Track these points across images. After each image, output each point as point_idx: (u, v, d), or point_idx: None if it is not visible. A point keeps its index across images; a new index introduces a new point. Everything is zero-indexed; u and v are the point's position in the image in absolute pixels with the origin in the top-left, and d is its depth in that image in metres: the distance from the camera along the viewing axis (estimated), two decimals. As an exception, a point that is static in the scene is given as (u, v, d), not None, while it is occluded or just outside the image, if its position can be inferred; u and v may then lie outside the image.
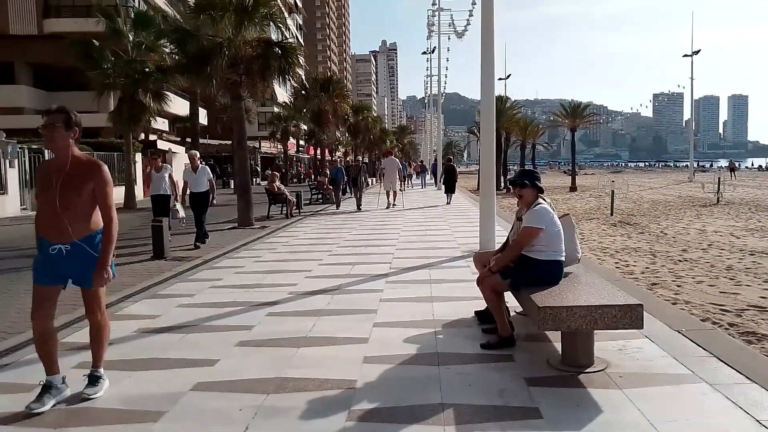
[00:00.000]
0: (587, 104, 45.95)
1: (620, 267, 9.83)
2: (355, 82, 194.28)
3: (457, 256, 9.42)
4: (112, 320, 5.92)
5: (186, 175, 11.83)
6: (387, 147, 61.78)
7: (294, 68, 16.24)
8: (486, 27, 9.30)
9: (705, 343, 4.70)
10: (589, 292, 4.49)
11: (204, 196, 11.70)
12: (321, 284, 7.43)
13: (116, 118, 22.64)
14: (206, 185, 11.69)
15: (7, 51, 34.16)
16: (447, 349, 4.77)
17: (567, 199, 29.55)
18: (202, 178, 11.67)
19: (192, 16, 15.87)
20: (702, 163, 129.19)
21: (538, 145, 50.10)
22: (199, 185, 11.69)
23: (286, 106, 52.38)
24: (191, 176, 11.75)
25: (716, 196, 25.64)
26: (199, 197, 11.70)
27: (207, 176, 11.72)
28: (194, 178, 11.71)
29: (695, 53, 53.89)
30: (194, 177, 11.71)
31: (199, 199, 11.69)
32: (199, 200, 11.68)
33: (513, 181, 5.19)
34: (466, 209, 18.93)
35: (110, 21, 22.00)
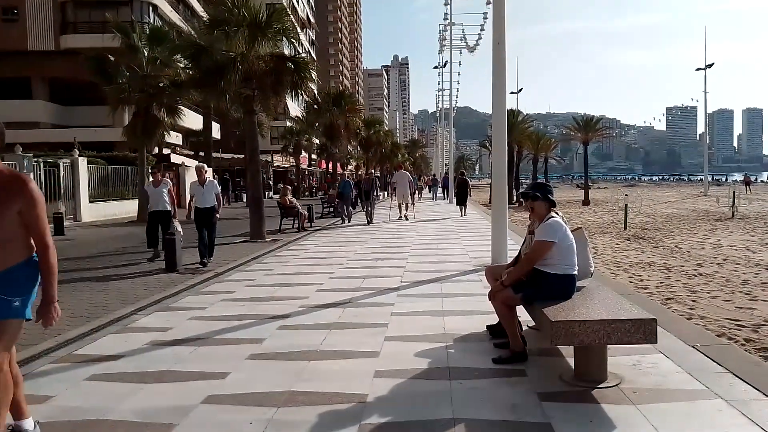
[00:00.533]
0: (600, 118, 45.83)
1: (634, 281, 9.74)
2: (367, 96, 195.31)
3: (468, 270, 9.38)
4: (124, 332, 5.99)
5: (193, 188, 11.05)
6: (398, 161, 61.96)
7: (306, 83, 16.36)
8: (498, 41, 9.33)
9: (720, 359, 4.64)
10: (602, 306, 4.45)
11: (210, 211, 10.92)
12: (332, 297, 7.42)
13: (130, 132, 22.86)
14: (213, 200, 10.95)
15: (24, 66, 34.77)
16: (459, 364, 4.74)
17: (580, 213, 29.39)
18: (209, 192, 10.92)
19: (206, 31, 16.06)
20: (717, 176, 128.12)
21: (551, 159, 50.03)
22: (205, 200, 10.91)
23: (298, 120, 52.80)
24: (198, 190, 10.93)
25: (731, 210, 25.39)
26: (205, 213, 10.90)
27: (214, 190, 10.99)
28: (201, 193, 10.91)
29: (708, 67, 53.62)
30: (201, 191, 10.91)
31: (205, 214, 10.90)
32: (205, 216, 10.90)
33: (525, 193, 5.17)
34: (478, 222, 18.88)
35: (126, 37, 22.29)
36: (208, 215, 10.90)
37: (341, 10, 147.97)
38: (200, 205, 10.89)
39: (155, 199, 11.57)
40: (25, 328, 6.40)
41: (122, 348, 5.39)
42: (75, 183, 22.43)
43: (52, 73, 35.67)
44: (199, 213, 10.91)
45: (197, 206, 10.88)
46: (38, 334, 6.07)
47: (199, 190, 10.89)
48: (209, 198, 10.90)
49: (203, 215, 10.89)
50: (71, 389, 4.40)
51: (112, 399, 4.15)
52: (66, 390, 4.37)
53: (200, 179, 10.92)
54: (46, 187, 20.54)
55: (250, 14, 15.07)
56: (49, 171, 21.14)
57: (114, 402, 4.10)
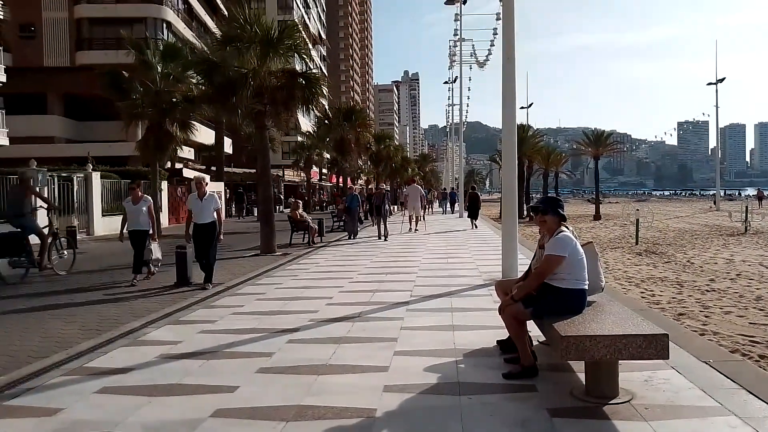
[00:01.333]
0: (610, 132, 45.65)
1: (646, 297, 9.66)
2: (378, 111, 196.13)
3: (478, 284, 9.35)
4: (135, 345, 6.02)
5: (191, 203, 10.12)
6: (409, 175, 62.21)
7: (318, 98, 16.46)
8: (507, 57, 9.37)
9: (734, 375, 4.58)
10: (613, 321, 4.42)
11: (210, 228, 9.95)
12: (342, 311, 7.41)
13: (144, 147, 23.08)
14: (212, 216, 9.96)
15: (40, 82, 35.28)
16: (468, 379, 4.71)
17: (591, 227, 29.23)
18: (208, 207, 9.95)
19: (219, 47, 16.24)
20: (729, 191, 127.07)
21: (561, 174, 49.92)
22: (204, 215, 9.95)
23: (309, 135, 53.07)
24: (196, 204, 9.98)
25: (744, 225, 25.16)
26: (204, 229, 9.94)
27: (214, 205, 10.01)
28: (199, 207, 9.94)
29: (719, 81, 53.47)
30: (200, 205, 9.93)
31: (204, 231, 9.94)
32: (204, 233, 9.94)
33: (535, 207, 5.17)
34: (488, 236, 18.83)
35: (140, 53, 22.58)
36: (207, 232, 9.94)
37: (352, 27, 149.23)
38: (199, 221, 9.98)
39: (133, 217, 10.65)
40: (37, 341, 6.48)
41: (132, 361, 5.41)
42: (88, 197, 22.63)
43: (67, 88, 36.18)
44: (198, 229, 10.00)
45: (196, 222, 10.00)
46: (50, 347, 6.13)
47: (197, 205, 9.99)
48: (208, 213, 9.97)
49: (202, 232, 9.96)
50: (81, 402, 4.41)
51: (122, 412, 4.16)
52: (76, 403, 4.39)
53: (199, 192, 10.03)
54: (60, 201, 20.73)
55: (263, 31, 15.23)
56: (63, 185, 21.34)
57: (123, 415, 4.11)
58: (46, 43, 36.57)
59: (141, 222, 10.61)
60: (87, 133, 36.17)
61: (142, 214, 10.59)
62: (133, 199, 10.73)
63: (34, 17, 36.19)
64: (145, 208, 10.62)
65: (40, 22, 36.48)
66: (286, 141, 55.00)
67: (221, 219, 10.22)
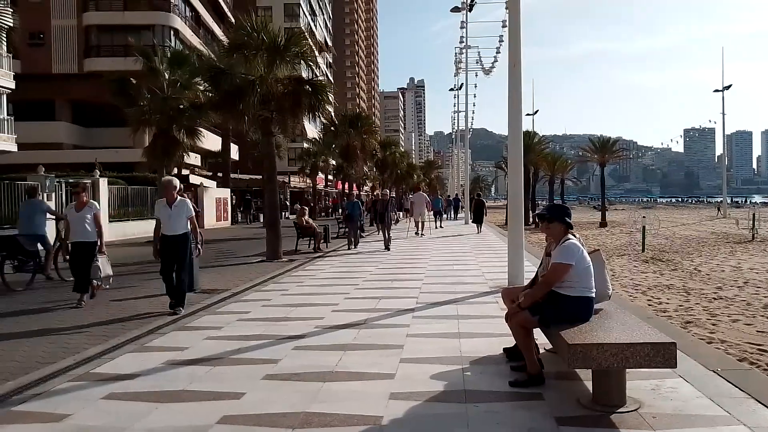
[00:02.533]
0: (616, 139, 45.59)
1: (653, 304, 9.61)
2: (383, 118, 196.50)
3: (485, 292, 9.33)
4: (142, 351, 6.03)
5: (158, 210, 8.34)
6: (415, 182, 62.38)
7: (324, 105, 16.52)
8: (513, 64, 9.39)
9: (742, 384, 4.55)
10: (620, 329, 4.41)
11: (181, 241, 8.22)
12: (347, 318, 7.41)
13: (150, 154, 23.21)
14: (184, 226, 8.26)
15: (49, 89, 35.61)
16: (475, 387, 4.70)
17: (597, 234, 29.14)
18: (178, 215, 8.20)
19: (226, 55, 16.34)
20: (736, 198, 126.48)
21: (567, 180, 49.76)
22: (174, 225, 8.20)
23: (315, 142, 53.27)
24: (164, 212, 8.22)
25: (751, 232, 25.03)
26: (173, 243, 8.18)
27: (186, 213, 8.25)
28: (168, 215, 8.19)
29: (726, 88, 53.36)
30: (168, 213, 8.18)
31: (173, 245, 8.19)
32: (173, 246, 8.19)
33: (540, 215, 5.17)
34: (494, 243, 18.80)
35: (147, 60, 22.75)
36: (177, 246, 8.22)
37: (358, 34, 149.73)
38: (167, 232, 8.24)
39: (77, 226, 9.01)
40: (45, 347, 6.49)
41: (139, 367, 5.43)
42: (96, 203, 22.72)
43: (75, 95, 36.49)
44: (167, 243, 8.24)
45: (164, 233, 8.25)
46: (57, 353, 6.15)
47: (166, 212, 8.21)
48: (179, 223, 8.23)
49: (171, 245, 8.21)
50: (88, 408, 4.43)
51: (129, 418, 4.17)
52: (83, 409, 4.40)
53: (168, 197, 8.24)
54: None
55: (269, 38, 15.32)
56: (70, 191, 21.46)
57: (130, 421, 4.12)
58: (54, 51, 36.85)
59: (87, 232, 8.97)
60: (94, 140, 36.43)
61: (88, 222, 9.00)
62: (77, 205, 9.18)
63: (43, 25, 36.49)
64: (90, 215, 9.07)
65: (48, 30, 36.77)
66: (292, 147, 55.23)
67: (197, 229, 8.57)
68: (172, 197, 8.21)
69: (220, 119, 22.46)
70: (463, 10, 35.36)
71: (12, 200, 19.24)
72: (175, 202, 8.22)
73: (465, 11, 35.52)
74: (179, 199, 8.26)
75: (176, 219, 8.19)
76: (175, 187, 8.25)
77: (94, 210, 9.24)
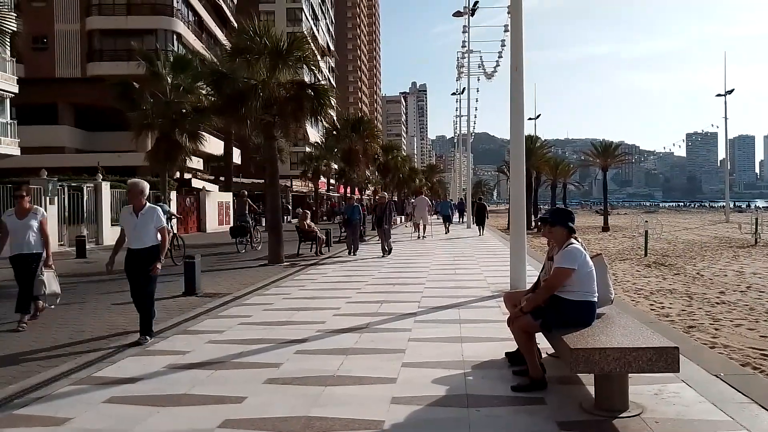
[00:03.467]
0: (618, 144, 45.53)
1: (655, 309, 9.59)
2: (386, 122, 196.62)
3: (487, 296, 9.31)
4: (143, 355, 6.02)
5: (124, 219, 7.01)
6: (417, 186, 62.49)
7: (326, 109, 16.54)
8: (515, 68, 9.39)
9: (745, 389, 4.54)
10: (623, 333, 4.40)
11: (149, 255, 6.76)
12: (349, 322, 7.41)
13: (153, 157, 23.24)
14: (153, 237, 6.82)
15: (52, 93, 35.68)
16: (477, 391, 4.69)
17: (599, 239, 29.10)
18: (146, 225, 6.78)
19: (228, 59, 16.38)
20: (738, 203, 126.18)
21: (569, 185, 49.74)
22: (141, 237, 6.77)
23: (317, 146, 53.34)
24: (130, 221, 6.83)
25: (754, 237, 24.97)
26: (140, 257, 6.75)
27: (155, 223, 6.82)
28: (133, 225, 6.80)
29: (728, 93, 53.24)
30: (134, 222, 6.79)
31: (140, 260, 6.75)
32: (140, 262, 6.75)
33: (543, 218, 5.17)
34: (496, 248, 18.78)
35: (150, 64, 22.80)
36: (144, 261, 6.75)
37: (360, 39, 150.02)
38: (133, 245, 6.82)
39: (19, 236, 7.74)
40: (47, 350, 6.49)
41: (141, 371, 5.42)
42: (98, 207, 22.78)
43: (78, 99, 36.56)
44: (133, 257, 6.81)
45: (129, 247, 6.88)
46: (59, 356, 6.15)
47: (131, 221, 6.83)
48: (147, 233, 6.79)
49: (137, 260, 6.77)
50: (89, 411, 4.42)
51: (130, 422, 4.17)
52: (84, 412, 4.40)
53: (135, 203, 6.89)
54: (70, 211, 20.88)
55: (272, 42, 15.35)
56: (72, 195, 21.51)
57: (131, 425, 4.12)
58: (57, 55, 37.01)
59: (31, 243, 7.77)
60: (97, 144, 36.48)
61: (33, 231, 7.79)
62: (19, 211, 7.83)
63: (47, 29, 36.67)
64: (35, 222, 7.83)
65: (52, 34, 36.95)
66: (295, 151, 55.29)
67: (165, 241, 7.11)
68: (140, 203, 6.88)
69: (223, 123, 22.49)
70: (465, 15, 35.44)
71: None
72: (142, 209, 6.84)
73: (467, 16, 35.60)
74: (148, 206, 6.94)
75: (143, 229, 6.79)
76: (142, 192, 6.94)
77: (40, 216, 7.96)
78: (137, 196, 6.89)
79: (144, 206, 6.88)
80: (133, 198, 6.93)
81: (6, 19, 14.87)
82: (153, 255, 6.79)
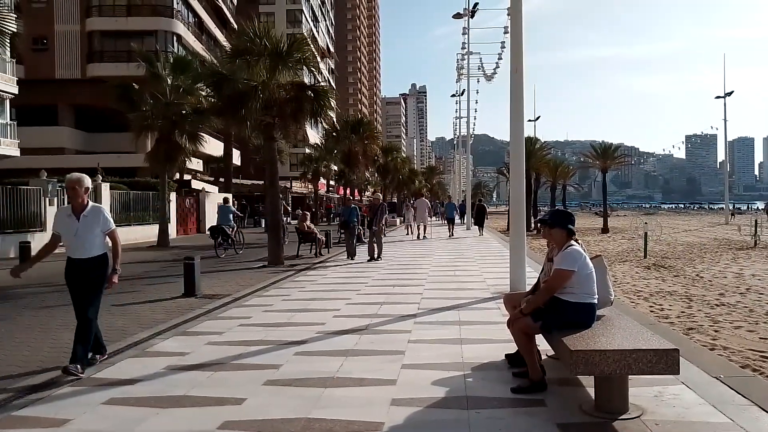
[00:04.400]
0: (618, 145, 45.61)
1: (655, 311, 9.59)
2: (385, 123, 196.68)
3: (486, 297, 9.31)
4: (142, 356, 6.02)
5: (59, 222, 5.65)
6: (416, 187, 62.53)
7: (326, 111, 16.54)
8: (515, 69, 9.40)
9: (745, 391, 4.53)
10: (622, 335, 4.40)
11: (95, 267, 5.56)
12: (349, 324, 7.40)
13: (153, 158, 23.26)
14: (100, 245, 5.62)
15: (52, 94, 35.72)
16: (476, 393, 4.69)
17: (599, 240, 29.11)
18: (90, 229, 5.53)
19: (228, 60, 16.39)
20: (738, 205, 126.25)
21: (569, 186, 49.77)
22: (85, 244, 5.53)
23: (317, 147, 53.40)
24: (70, 225, 5.53)
25: (753, 238, 24.99)
26: (83, 269, 5.53)
27: (102, 227, 5.58)
28: (74, 230, 5.52)
29: (728, 95, 53.32)
30: (75, 227, 5.51)
31: (83, 271, 5.52)
32: (83, 274, 5.52)
33: (543, 220, 5.17)
34: (496, 249, 18.78)
35: (150, 65, 22.83)
36: (89, 272, 5.53)
37: (360, 40, 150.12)
38: (75, 254, 5.56)
39: None
40: (45, 352, 6.48)
41: (140, 372, 5.42)
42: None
43: (78, 100, 36.60)
44: (74, 268, 5.56)
45: (70, 256, 5.60)
46: (58, 358, 6.13)
47: (72, 226, 5.53)
48: (92, 240, 5.55)
49: (81, 272, 5.53)
50: (89, 413, 4.42)
51: (129, 423, 4.17)
52: (83, 414, 4.39)
53: (75, 204, 5.58)
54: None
55: (272, 44, 15.36)
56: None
57: (130, 426, 4.11)
58: (57, 56, 36.99)
59: None
60: (97, 144, 36.51)
61: None
62: None
63: (47, 30, 36.65)
64: None
65: (52, 35, 36.93)
66: (294, 153, 55.38)
67: (118, 248, 5.74)
68: (82, 203, 5.56)
69: (223, 124, 22.52)
70: (465, 17, 35.48)
71: (14, 205, 19.25)
72: (85, 210, 5.55)
73: (467, 17, 35.64)
74: (92, 205, 5.62)
75: (87, 235, 5.50)
76: (85, 187, 5.59)
77: None
78: (79, 193, 5.53)
79: (87, 206, 5.58)
80: (74, 196, 5.54)
81: (6, 20, 14.88)
82: (100, 267, 5.56)
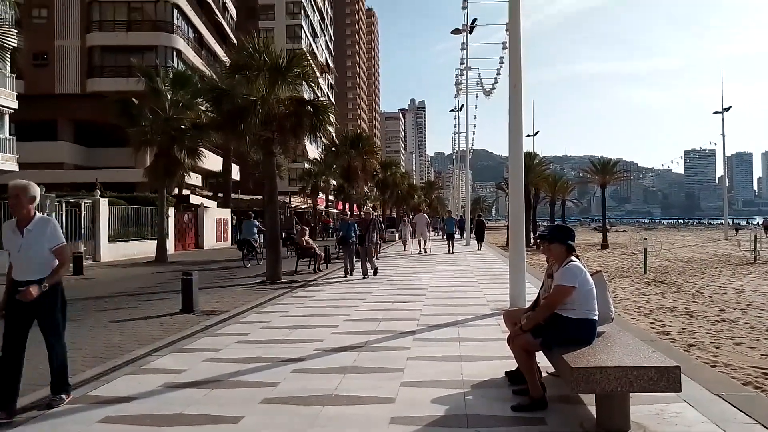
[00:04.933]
0: (617, 161, 45.68)
1: (655, 327, 9.53)
2: (384, 139, 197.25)
3: (486, 314, 9.25)
4: (139, 374, 5.96)
5: (4, 239, 4.91)
6: (415, 202, 62.60)
7: (325, 126, 16.57)
8: (514, 85, 9.43)
9: (747, 409, 4.49)
10: (623, 352, 4.36)
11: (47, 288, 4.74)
12: (347, 340, 7.34)
13: (151, 173, 23.29)
14: (46, 266, 4.82)
15: (51, 109, 35.85)
16: (476, 411, 4.63)
17: (599, 256, 29.06)
18: (34, 245, 4.79)
19: (228, 75, 16.47)
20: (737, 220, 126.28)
21: (568, 202, 49.88)
22: (27, 264, 4.81)
23: (316, 162, 53.49)
24: (14, 240, 4.83)
25: (753, 254, 24.95)
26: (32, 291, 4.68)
27: (50, 242, 4.81)
28: (17, 246, 4.81)
29: (726, 110, 53.57)
30: (18, 243, 4.80)
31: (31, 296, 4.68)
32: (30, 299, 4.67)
33: (542, 236, 5.14)
34: (495, 265, 18.73)
35: (150, 80, 22.93)
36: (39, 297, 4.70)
37: (359, 56, 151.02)
38: (19, 277, 4.82)
39: None
40: (41, 369, 6.41)
41: (136, 390, 5.36)
42: (96, 223, 22.74)
43: (77, 115, 36.71)
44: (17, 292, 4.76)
45: (14, 278, 4.86)
46: (53, 375, 6.07)
47: (15, 242, 4.83)
48: (35, 260, 4.80)
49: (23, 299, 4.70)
50: (84, 431, 4.35)
51: (125, 442, 4.10)
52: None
53: (19, 216, 4.85)
54: (67, 227, 20.83)
55: (271, 59, 15.44)
56: (70, 211, 21.45)
57: (126, 445, 4.05)
58: (57, 71, 37.16)
59: None
60: (96, 159, 36.57)
61: None
62: None
63: (47, 45, 36.85)
64: None
65: (52, 50, 37.13)
66: (293, 168, 55.37)
67: (62, 268, 4.91)
68: (27, 215, 4.83)
69: (222, 139, 22.60)
70: (464, 32, 35.68)
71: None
72: (29, 223, 4.82)
73: (466, 33, 35.84)
74: (38, 217, 4.88)
75: (29, 252, 4.78)
76: (30, 197, 4.83)
77: None
78: (23, 204, 4.78)
79: (33, 218, 4.82)
80: (18, 207, 4.78)
81: (6, 35, 14.95)
82: (48, 290, 4.73)
